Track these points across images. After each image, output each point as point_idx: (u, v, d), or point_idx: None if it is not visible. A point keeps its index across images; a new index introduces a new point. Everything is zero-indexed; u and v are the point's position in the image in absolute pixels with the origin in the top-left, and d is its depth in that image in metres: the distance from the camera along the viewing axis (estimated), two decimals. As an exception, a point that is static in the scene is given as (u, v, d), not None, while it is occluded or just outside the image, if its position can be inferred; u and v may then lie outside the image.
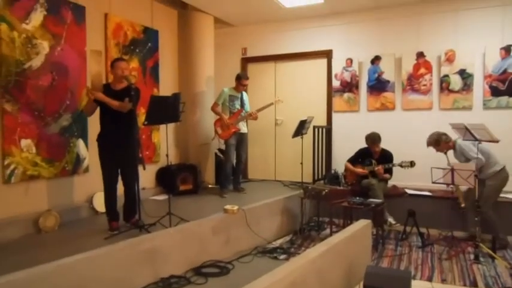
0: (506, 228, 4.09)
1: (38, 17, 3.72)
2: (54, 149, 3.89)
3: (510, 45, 4.85)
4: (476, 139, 3.74)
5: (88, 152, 4.24)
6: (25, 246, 3.19)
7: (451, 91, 5.19)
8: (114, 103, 3.49)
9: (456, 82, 5.16)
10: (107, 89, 3.62)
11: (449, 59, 5.18)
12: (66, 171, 4.03)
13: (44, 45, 3.78)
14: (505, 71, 4.90)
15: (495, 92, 4.96)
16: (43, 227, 3.57)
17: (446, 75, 5.20)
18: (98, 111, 3.64)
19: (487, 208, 4.00)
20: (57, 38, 3.91)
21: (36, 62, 3.71)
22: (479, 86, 5.05)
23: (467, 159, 4.07)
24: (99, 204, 4.12)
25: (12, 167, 3.51)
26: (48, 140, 3.84)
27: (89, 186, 4.22)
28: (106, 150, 3.61)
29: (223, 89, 5.21)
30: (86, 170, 4.24)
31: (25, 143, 3.62)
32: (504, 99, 4.91)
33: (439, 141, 4.27)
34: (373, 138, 4.83)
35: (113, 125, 3.57)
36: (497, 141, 3.76)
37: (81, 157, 4.19)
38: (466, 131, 3.75)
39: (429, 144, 4.36)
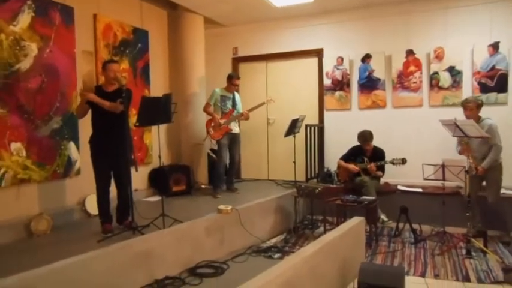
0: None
1: (25, 18, 3.67)
2: (44, 152, 3.85)
3: (498, 42, 4.91)
4: (466, 135, 3.78)
5: (79, 154, 4.20)
6: (17, 251, 3.16)
7: (441, 88, 5.24)
8: (105, 103, 3.47)
9: (445, 79, 5.21)
10: (99, 90, 3.59)
11: (439, 57, 5.23)
12: (58, 174, 3.99)
13: (33, 47, 3.74)
14: (493, 68, 4.96)
15: (484, 88, 5.01)
16: (35, 230, 3.53)
17: (436, 73, 5.25)
18: (89, 113, 3.61)
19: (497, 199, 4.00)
20: (45, 39, 3.86)
21: (25, 64, 3.67)
22: (468, 83, 5.10)
23: (484, 142, 3.98)
24: (92, 206, 4.08)
25: (2, 170, 3.46)
26: (39, 143, 3.79)
27: (81, 189, 4.18)
28: (98, 152, 3.59)
29: (215, 90, 5.19)
30: (78, 172, 4.21)
31: (15, 146, 3.58)
32: (493, 96, 4.97)
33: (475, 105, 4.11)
34: (364, 136, 4.88)
35: (105, 127, 3.54)
36: (487, 137, 3.80)
37: (73, 160, 4.15)
38: (456, 127, 3.79)
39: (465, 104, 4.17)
